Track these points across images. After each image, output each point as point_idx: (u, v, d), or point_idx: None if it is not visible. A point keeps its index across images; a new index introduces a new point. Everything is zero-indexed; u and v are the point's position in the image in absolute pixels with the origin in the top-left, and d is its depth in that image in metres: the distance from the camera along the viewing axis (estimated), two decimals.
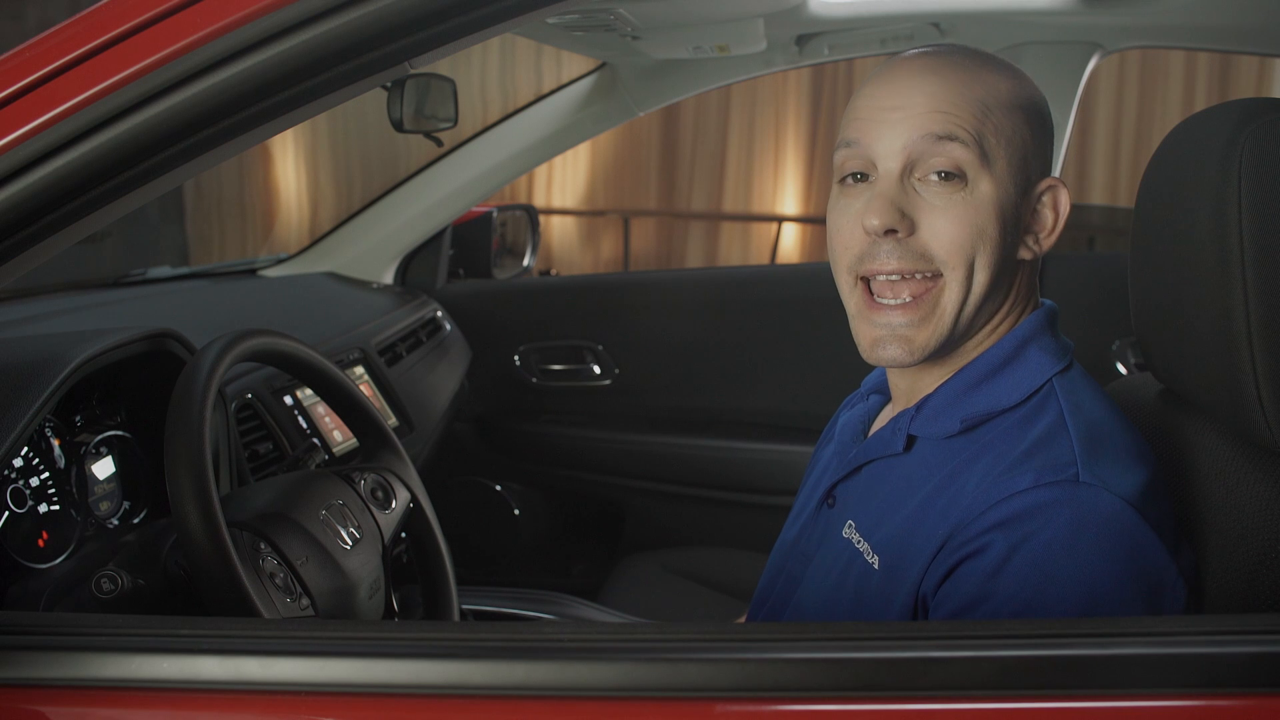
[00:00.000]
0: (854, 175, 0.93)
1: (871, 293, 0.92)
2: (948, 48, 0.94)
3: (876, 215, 0.88)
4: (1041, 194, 0.94)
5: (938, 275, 0.90)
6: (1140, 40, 1.99)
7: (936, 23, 1.89)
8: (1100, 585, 0.80)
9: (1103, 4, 1.75)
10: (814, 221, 6.40)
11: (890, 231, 0.89)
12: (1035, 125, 0.93)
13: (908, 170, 0.90)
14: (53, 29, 0.80)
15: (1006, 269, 0.92)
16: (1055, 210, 0.94)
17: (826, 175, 6.36)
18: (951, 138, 0.88)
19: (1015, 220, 0.91)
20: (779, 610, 1.05)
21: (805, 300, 2.36)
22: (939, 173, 0.89)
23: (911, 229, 0.89)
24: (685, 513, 2.37)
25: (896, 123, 0.90)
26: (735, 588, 1.90)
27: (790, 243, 6.43)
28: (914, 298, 0.90)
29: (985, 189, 0.89)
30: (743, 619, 1.31)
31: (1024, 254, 0.94)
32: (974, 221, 0.89)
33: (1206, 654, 0.66)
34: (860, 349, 0.94)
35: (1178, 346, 0.92)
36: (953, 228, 0.89)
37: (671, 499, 2.37)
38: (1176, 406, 1.00)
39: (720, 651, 0.69)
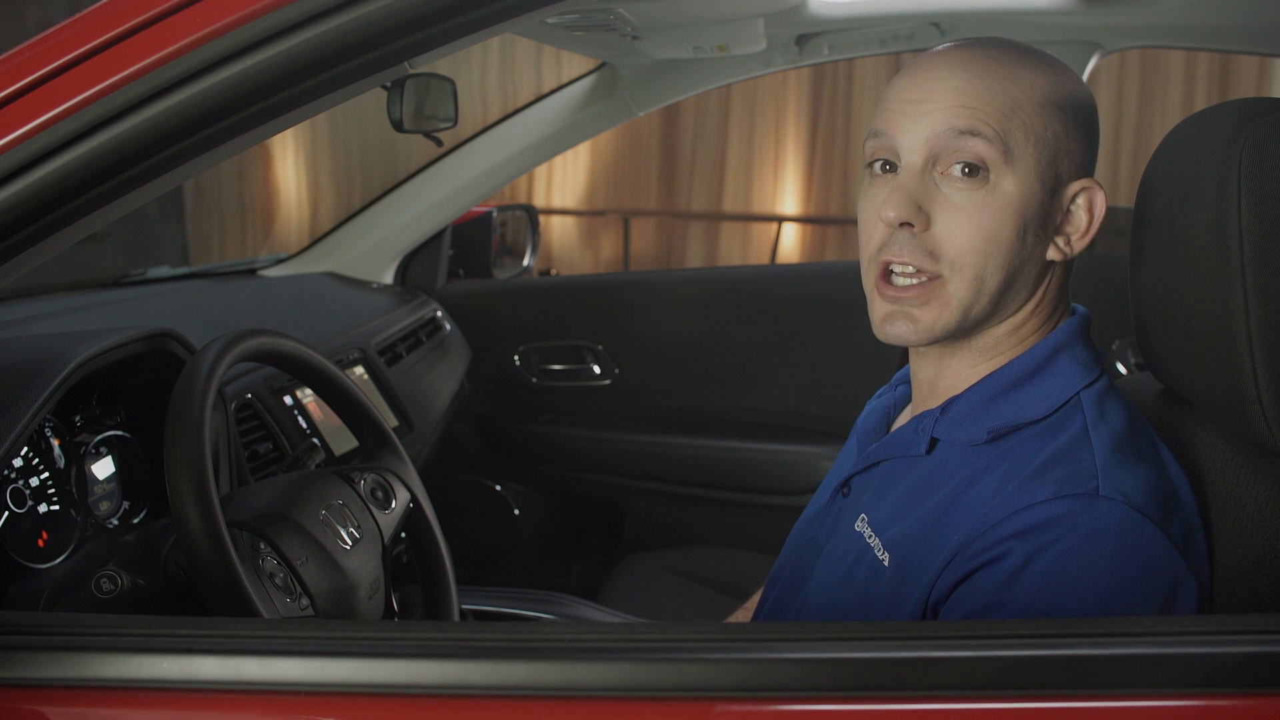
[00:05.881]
0: (882, 165, 0.93)
1: (887, 273, 0.92)
2: (986, 41, 0.93)
3: (893, 208, 0.89)
4: (1075, 195, 0.92)
5: (941, 276, 0.90)
6: (1140, 40, 1.99)
7: (936, 23, 1.89)
8: (1116, 599, 0.79)
9: (1103, 4, 1.75)
10: (814, 221, 6.41)
11: (906, 224, 0.89)
12: (1071, 123, 0.91)
13: (930, 163, 0.90)
14: (53, 29, 0.79)
15: (1028, 270, 0.91)
16: (1090, 212, 0.93)
17: (826, 175, 6.38)
18: (974, 133, 0.88)
19: (1041, 221, 0.90)
20: (788, 597, 1.05)
21: (805, 300, 2.36)
22: (962, 168, 0.88)
23: (927, 223, 0.89)
24: (685, 513, 2.37)
25: (921, 115, 0.90)
26: (735, 588, 1.89)
27: (790, 243, 6.43)
28: (922, 283, 0.90)
29: (1008, 187, 0.88)
30: (739, 613, 1.32)
31: (1053, 254, 0.93)
32: (989, 224, 0.88)
33: (1206, 654, 0.66)
34: (873, 325, 0.95)
35: (1178, 346, 0.92)
36: (966, 230, 0.89)
37: (671, 499, 2.37)
38: (1176, 406, 1.00)
39: (720, 651, 0.69)
